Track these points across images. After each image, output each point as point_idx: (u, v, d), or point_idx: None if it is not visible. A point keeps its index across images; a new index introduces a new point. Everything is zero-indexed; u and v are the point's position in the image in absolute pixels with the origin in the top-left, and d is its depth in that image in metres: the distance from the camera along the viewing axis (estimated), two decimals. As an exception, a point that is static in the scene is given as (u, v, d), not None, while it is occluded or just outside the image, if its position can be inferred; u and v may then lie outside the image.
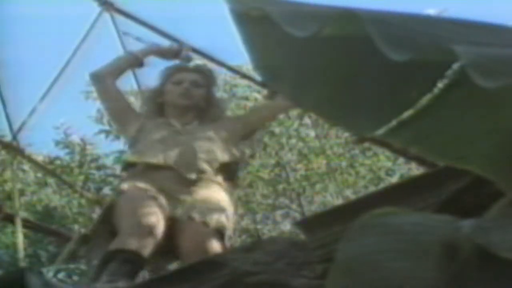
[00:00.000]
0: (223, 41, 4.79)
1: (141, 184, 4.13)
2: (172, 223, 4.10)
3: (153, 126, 4.40)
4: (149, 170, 4.20)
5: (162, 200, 4.10)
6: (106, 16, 6.13)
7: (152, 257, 4.03)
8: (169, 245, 4.10)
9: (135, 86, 5.96)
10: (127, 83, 4.96)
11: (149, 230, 3.97)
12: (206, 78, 4.63)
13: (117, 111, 4.59)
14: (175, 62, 4.79)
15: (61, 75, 6.29)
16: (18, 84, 7.79)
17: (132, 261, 3.89)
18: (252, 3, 1.31)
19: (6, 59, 7.16)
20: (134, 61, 4.73)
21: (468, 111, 1.28)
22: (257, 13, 1.27)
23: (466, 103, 1.26)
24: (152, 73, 4.96)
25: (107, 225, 4.16)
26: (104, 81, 4.54)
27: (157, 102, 4.53)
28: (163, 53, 4.81)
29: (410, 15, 1.28)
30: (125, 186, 4.20)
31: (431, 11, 9.29)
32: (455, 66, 1.19)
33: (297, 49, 1.30)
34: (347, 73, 1.33)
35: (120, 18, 5.92)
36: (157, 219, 4.02)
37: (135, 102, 5.36)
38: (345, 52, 1.29)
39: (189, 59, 4.89)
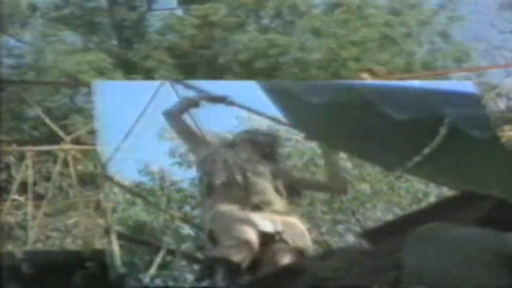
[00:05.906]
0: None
1: None
2: None
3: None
4: None
5: None
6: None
7: None
8: None
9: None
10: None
11: None
12: None
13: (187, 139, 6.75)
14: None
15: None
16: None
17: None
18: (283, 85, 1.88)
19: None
20: (193, 104, 6.72)
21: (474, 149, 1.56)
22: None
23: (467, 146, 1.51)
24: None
25: None
26: (172, 118, 6.61)
27: None
28: (211, 100, 6.67)
29: (406, 85, 1.80)
30: None
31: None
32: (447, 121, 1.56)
33: (316, 112, 1.79)
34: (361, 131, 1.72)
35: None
36: None
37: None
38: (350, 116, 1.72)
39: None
